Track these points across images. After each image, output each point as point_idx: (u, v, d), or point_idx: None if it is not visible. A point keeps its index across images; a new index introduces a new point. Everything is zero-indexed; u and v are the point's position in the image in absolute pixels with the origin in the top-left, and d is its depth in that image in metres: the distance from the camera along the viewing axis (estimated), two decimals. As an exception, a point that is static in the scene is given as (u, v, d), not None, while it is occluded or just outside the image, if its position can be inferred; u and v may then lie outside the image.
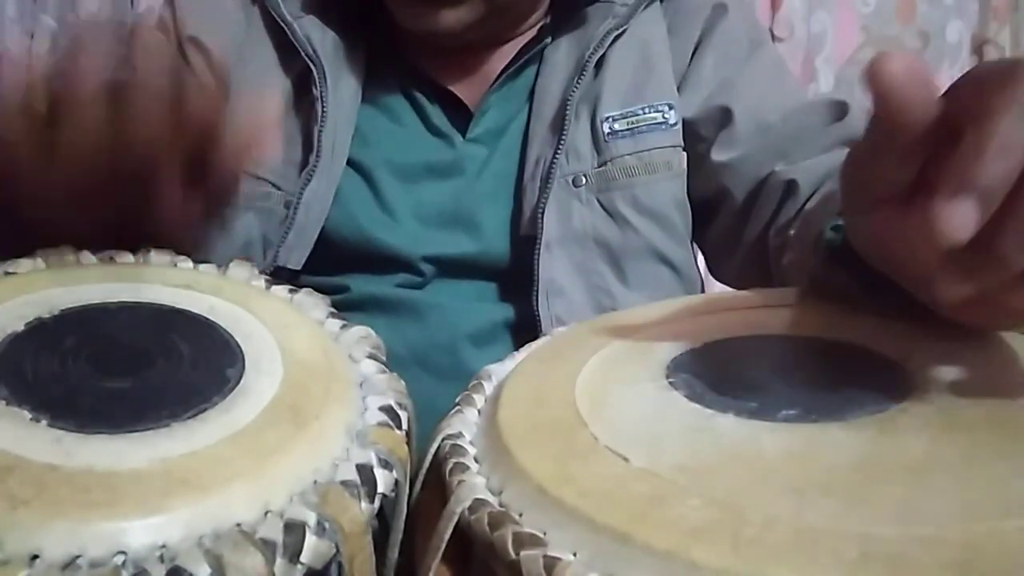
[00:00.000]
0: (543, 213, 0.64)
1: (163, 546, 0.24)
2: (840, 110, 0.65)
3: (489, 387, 0.37)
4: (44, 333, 0.31)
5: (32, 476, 0.25)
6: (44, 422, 0.27)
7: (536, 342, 0.41)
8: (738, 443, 0.28)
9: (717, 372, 0.34)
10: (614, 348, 0.37)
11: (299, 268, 0.65)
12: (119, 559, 0.23)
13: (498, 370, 0.38)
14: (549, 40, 0.69)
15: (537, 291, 0.63)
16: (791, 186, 0.61)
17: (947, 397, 0.31)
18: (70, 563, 0.23)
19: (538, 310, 0.63)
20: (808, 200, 0.60)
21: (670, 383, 0.33)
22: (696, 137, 0.69)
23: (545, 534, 0.25)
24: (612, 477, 0.27)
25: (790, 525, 0.23)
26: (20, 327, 0.31)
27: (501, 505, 0.28)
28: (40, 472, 0.25)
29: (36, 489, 0.24)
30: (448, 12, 0.64)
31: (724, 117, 0.67)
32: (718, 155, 0.67)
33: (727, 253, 0.70)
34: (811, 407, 0.30)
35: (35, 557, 0.23)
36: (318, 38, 0.68)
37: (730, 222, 0.68)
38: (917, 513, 0.23)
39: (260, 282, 0.39)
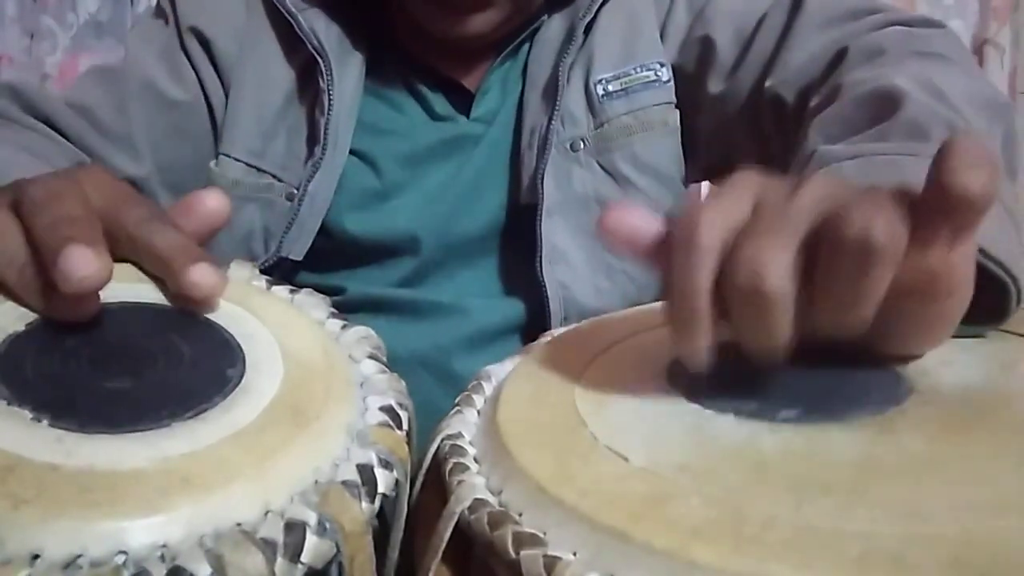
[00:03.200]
0: (542, 180, 0.64)
1: (164, 546, 0.24)
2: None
3: (489, 388, 0.37)
4: (45, 333, 0.31)
5: (33, 476, 0.25)
6: (45, 422, 0.27)
7: (536, 343, 0.41)
8: (738, 443, 0.28)
9: (717, 372, 0.34)
10: (614, 349, 0.37)
11: (300, 259, 0.65)
12: (120, 558, 0.23)
13: (498, 371, 0.38)
14: (545, 18, 0.70)
15: (540, 259, 0.63)
16: (777, 102, 0.61)
17: (946, 397, 0.31)
18: (71, 562, 0.23)
19: (543, 276, 0.63)
20: (798, 112, 0.59)
21: (670, 383, 0.33)
22: (687, 79, 0.68)
23: (545, 534, 0.25)
24: (612, 477, 0.27)
25: (790, 524, 0.23)
26: (21, 327, 0.31)
27: (501, 505, 0.28)
28: (41, 472, 0.25)
29: (37, 489, 0.24)
30: (478, 17, 0.64)
31: (705, 48, 0.67)
32: (714, 86, 0.66)
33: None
34: (811, 407, 0.30)
35: (36, 556, 0.23)
36: (323, 30, 0.67)
37: (750, 150, 0.67)
38: (917, 512, 0.23)
39: (261, 282, 0.39)
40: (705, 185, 0.78)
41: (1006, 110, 0.51)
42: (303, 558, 0.25)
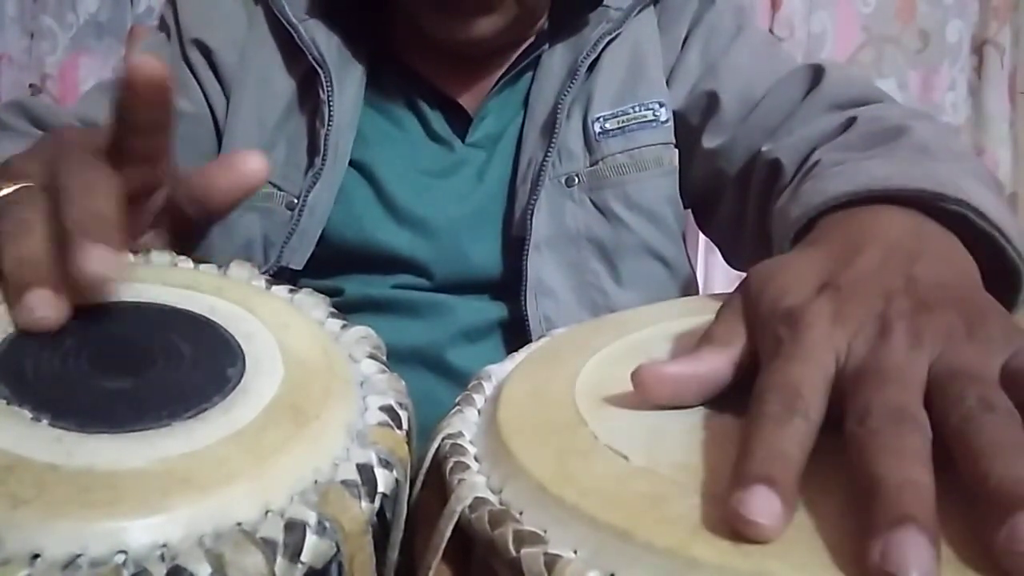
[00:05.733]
0: (532, 214, 0.64)
1: (164, 545, 0.24)
2: (815, 75, 0.64)
3: (489, 387, 0.37)
4: (45, 333, 0.31)
5: (33, 475, 0.25)
6: (45, 422, 0.27)
7: (536, 343, 0.41)
8: (738, 442, 0.28)
9: None
10: (614, 348, 0.37)
11: (300, 268, 0.65)
12: (120, 558, 0.23)
13: (498, 370, 0.38)
14: (547, 46, 0.70)
15: (525, 291, 0.63)
16: (775, 165, 0.61)
17: None
18: (71, 562, 0.23)
19: (526, 311, 0.63)
20: (793, 179, 0.60)
21: (670, 382, 0.33)
22: (687, 127, 0.69)
23: (546, 532, 0.25)
24: (612, 475, 0.27)
25: (790, 523, 0.23)
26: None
27: (501, 503, 0.28)
28: (41, 471, 0.25)
29: (37, 488, 0.24)
30: (483, 20, 0.65)
31: (711, 102, 0.67)
32: (709, 141, 0.67)
33: (735, 239, 0.69)
34: None
35: (36, 556, 0.23)
36: (323, 41, 0.68)
37: (731, 207, 0.68)
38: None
39: (260, 282, 0.39)
40: (703, 239, 0.78)
41: (997, 185, 0.50)
42: (303, 558, 0.25)
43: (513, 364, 0.38)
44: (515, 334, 0.65)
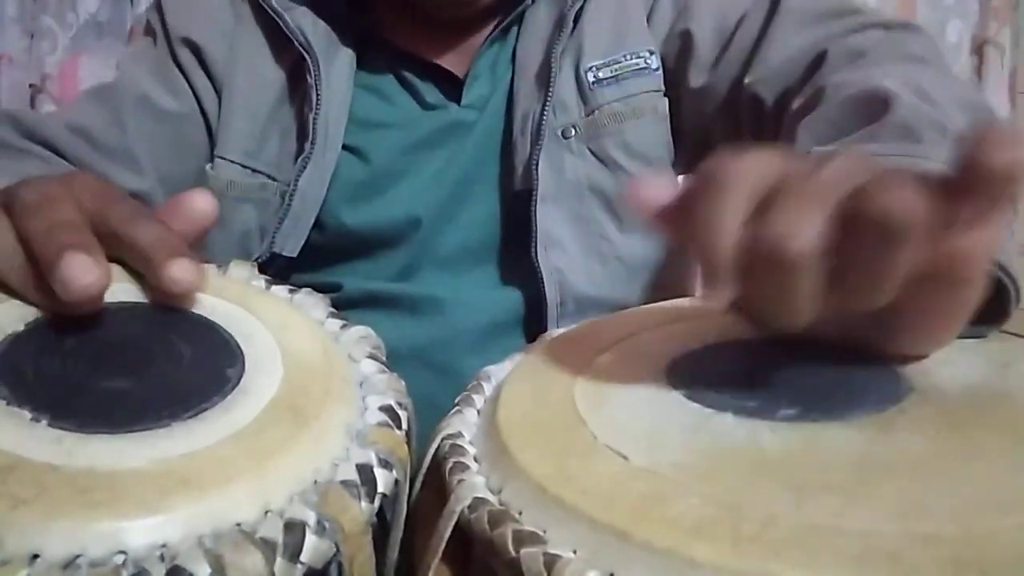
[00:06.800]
0: (536, 166, 0.64)
1: (163, 546, 0.24)
2: None
3: (488, 387, 0.37)
4: (45, 333, 0.31)
5: (32, 476, 0.25)
6: (44, 422, 0.27)
7: (536, 342, 0.41)
8: (737, 442, 0.28)
9: (717, 372, 0.34)
10: (614, 348, 0.37)
11: (294, 255, 0.65)
12: (119, 559, 0.23)
13: (497, 371, 0.38)
14: (530, 2, 0.70)
15: (535, 244, 0.64)
16: (755, 101, 0.61)
17: (945, 397, 0.31)
18: (70, 562, 0.23)
19: (538, 262, 0.63)
20: (777, 113, 0.60)
21: (670, 383, 0.33)
22: (669, 70, 0.69)
23: (545, 532, 0.25)
24: (612, 475, 0.27)
25: (790, 523, 0.23)
26: (20, 327, 0.32)
27: (501, 504, 0.28)
28: (40, 472, 0.25)
29: (36, 489, 0.24)
30: None
31: (686, 42, 0.67)
32: (694, 80, 0.67)
33: None
34: (810, 407, 0.30)
35: (35, 556, 0.23)
36: (310, 27, 0.68)
37: (725, 143, 0.68)
38: (916, 511, 0.23)
39: (260, 282, 0.39)
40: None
41: (989, 112, 0.52)
42: (302, 558, 0.25)
43: (512, 365, 0.38)
44: (515, 330, 0.65)
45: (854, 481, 0.25)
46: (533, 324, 0.64)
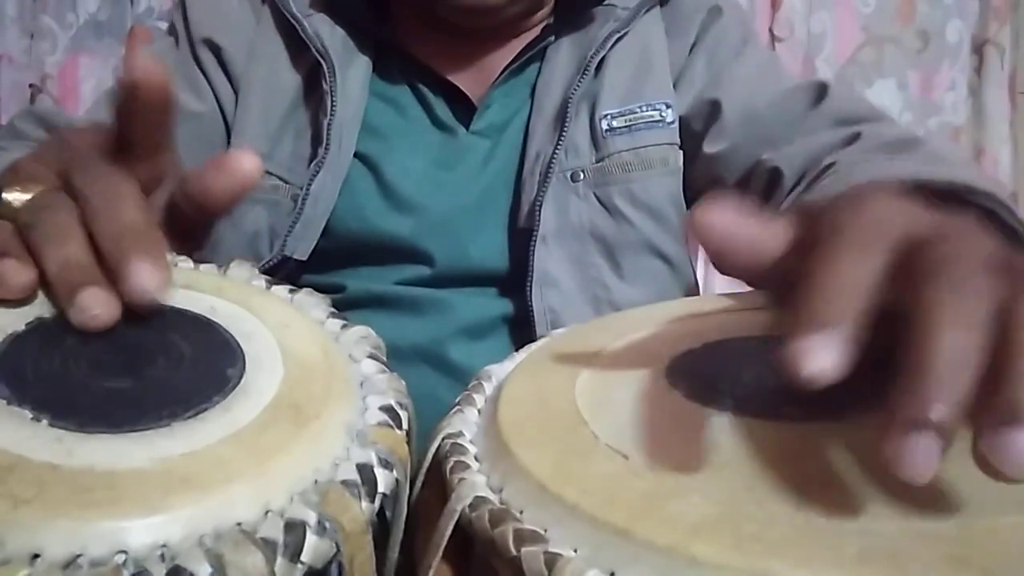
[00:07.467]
0: (541, 207, 0.64)
1: (164, 545, 0.24)
2: (819, 91, 0.66)
3: (489, 387, 0.37)
4: (45, 333, 0.31)
5: (33, 475, 0.25)
6: (45, 421, 0.27)
7: (536, 343, 0.41)
8: (738, 441, 0.28)
9: (717, 372, 0.34)
10: (614, 348, 0.37)
11: (305, 259, 0.65)
12: (120, 558, 0.23)
13: (498, 370, 0.38)
14: (552, 39, 0.70)
15: (531, 283, 0.64)
16: (775, 174, 0.62)
17: None
18: (71, 562, 0.23)
19: (531, 301, 0.64)
20: (793, 188, 0.60)
21: (670, 382, 0.33)
22: (690, 133, 0.70)
23: (546, 531, 0.25)
24: (612, 475, 0.27)
25: (790, 522, 0.23)
26: (21, 327, 0.31)
27: (502, 503, 0.28)
28: (41, 471, 0.25)
29: (37, 488, 0.24)
30: None
31: (713, 110, 0.68)
32: (710, 147, 0.68)
33: None
34: (810, 407, 0.30)
35: (36, 556, 0.23)
36: (327, 34, 0.69)
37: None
38: (916, 510, 0.23)
39: (260, 282, 0.39)
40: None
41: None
42: (303, 558, 0.25)
43: (513, 364, 0.38)
44: (517, 330, 0.66)
45: (854, 480, 0.25)
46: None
